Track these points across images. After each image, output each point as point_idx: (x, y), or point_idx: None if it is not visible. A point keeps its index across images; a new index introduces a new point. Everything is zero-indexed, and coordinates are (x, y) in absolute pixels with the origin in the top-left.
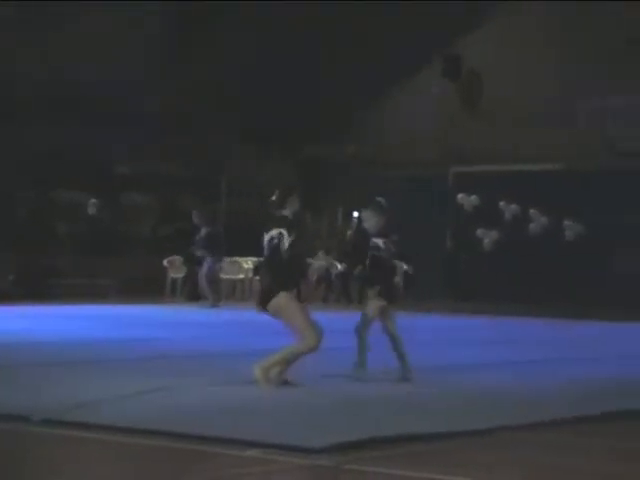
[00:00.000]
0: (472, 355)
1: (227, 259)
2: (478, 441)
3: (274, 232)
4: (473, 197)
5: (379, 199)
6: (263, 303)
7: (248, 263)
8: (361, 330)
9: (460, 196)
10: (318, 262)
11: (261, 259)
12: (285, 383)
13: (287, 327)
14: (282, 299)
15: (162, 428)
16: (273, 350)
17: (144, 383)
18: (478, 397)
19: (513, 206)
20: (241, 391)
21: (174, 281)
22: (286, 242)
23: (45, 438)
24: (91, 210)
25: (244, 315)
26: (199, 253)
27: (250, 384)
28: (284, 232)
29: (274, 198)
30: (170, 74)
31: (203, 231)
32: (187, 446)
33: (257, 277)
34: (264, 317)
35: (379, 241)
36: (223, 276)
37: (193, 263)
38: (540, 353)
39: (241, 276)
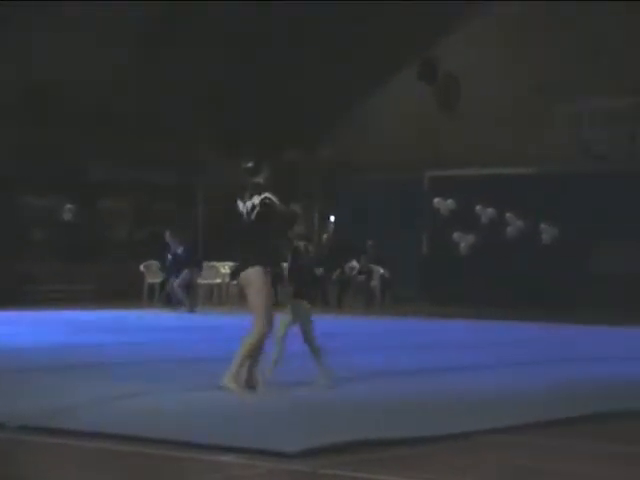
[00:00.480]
0: (449, 359)
1: (204, 264)
2: (457, 445)
3: (257, 199)
4: (449, 201)
5: (294, 208)
6: (237, 272)
7: (225, 268)
8: (281, 335)
9: (436, 200)
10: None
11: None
12: (253, 387)
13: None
14: (255, 272)
15: (138, 433)
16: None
17: (121, 388)
18: (456, 400)
19: (489, 210)
20: (217, 396)
21: (151, 286)
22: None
23: (21, 445)
24: (66, 216)
25: (221, 320)
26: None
27: (222, 389)
28: (271, 196)
29: (250, 165)
30: (147, 78)
31: (179, 250)
32: (164, 452)
33: (234, 282)
34: (240, 321)
35: (300, 244)
36: (200, 281)
37: (170, 271)
38: (518, 356)
39: (218, 281)
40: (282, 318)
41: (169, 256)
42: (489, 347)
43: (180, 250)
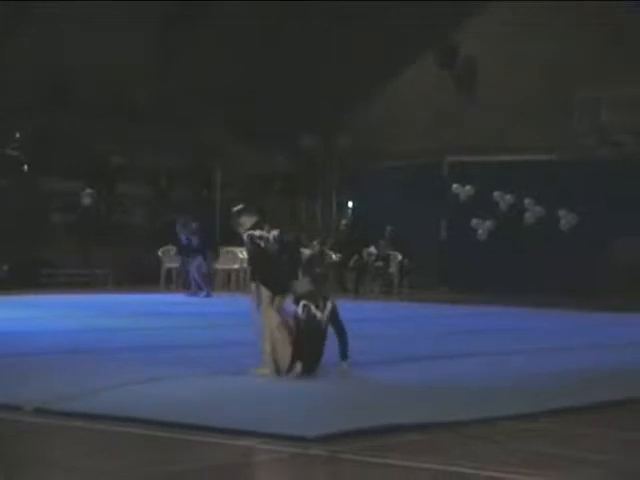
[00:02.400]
0: (468, 345)
1: (222, 249)
2: (476, 431)
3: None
4: (468, 187)
5: (241, 207)
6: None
7: (243, 253)
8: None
9: (455, 186)
10: (312, 252)
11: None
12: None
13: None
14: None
15: (156, 417)
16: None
17: (138, 373)
18: (474, 387)
19: (508, 196)
20: (234, 381)
21: (169, 271)
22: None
23: (37, 427)
24: (85, 200)
25: (238, 305)
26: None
27: (243, 374)
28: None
29: (238, 208)
30: (166, 65)
31: (193, 238)
32: (180, 435)
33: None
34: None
35: (267, 234)
36: (218, 266)
37: (186, 254)
38: (536, 342)
39: (236, 266)
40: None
41: (183, 240)
42: (507, 333)
43: (194, 238)
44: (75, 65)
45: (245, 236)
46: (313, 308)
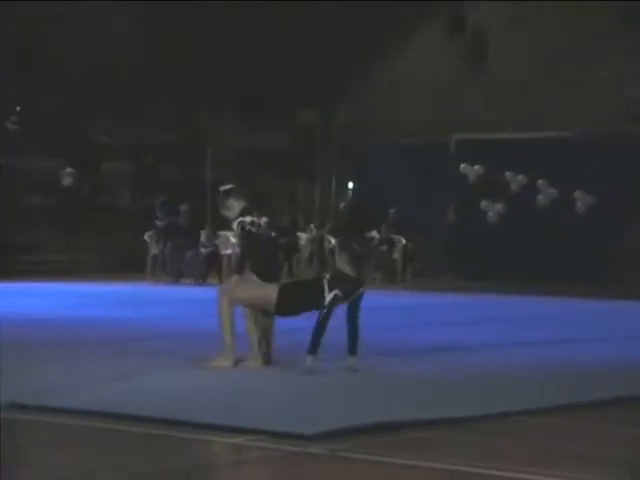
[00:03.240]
0: (478, 336)
1: (208, 232)
2: (486, 427)
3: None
4: (477, 167)
5: (230, 186)
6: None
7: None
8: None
9: (463, 166)
10: (310, 237)
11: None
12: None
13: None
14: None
15: (138, 413)
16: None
17: (123, 365)
18: (485, 381)
19: (520, 176)
20: (225, 374)
21: (155, 257)
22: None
23: (13, 423)
24: (66, 180)
25: None
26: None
27: (234, 367)
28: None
29: (227, 187)
30: (154, 36)
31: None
32: (171, 433)
33: None
34: None
35: (258, 220)
36: (203, 250)
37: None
38: (549, 333)
39: (228, 251)
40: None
41: (158, 223)
42: (518, 324)
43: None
44: (56, 36)
45: (235, 224)
46: (341, 295)
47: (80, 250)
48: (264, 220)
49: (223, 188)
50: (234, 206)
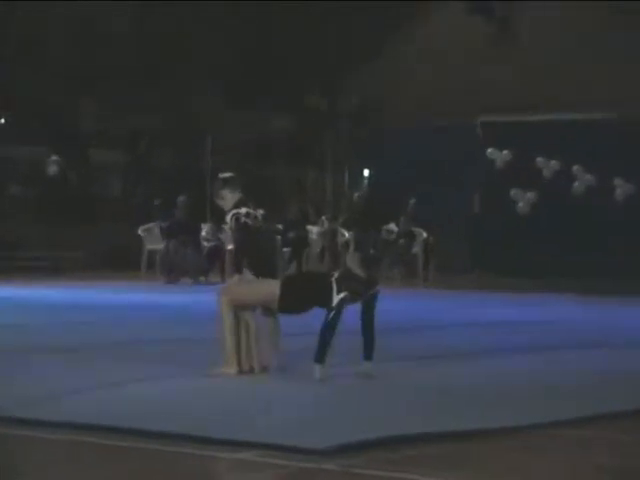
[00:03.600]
0: (503, 338)
1: (210, 226)
2: (516, 440)
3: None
4: (505, 151)
5: (229, 175)
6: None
7: None
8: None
9: (490, 150)
10: (321, 230)
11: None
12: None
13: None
14: None
15: (131, 426)
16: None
17: (107, 374)
18: (516, 387)
19: (553, 162)
20: (228, 383)
21: (151, 253)
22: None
23: None
24: (51, 169)
25: None
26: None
27: (236, 376)
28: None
29: (227, 175)
30: (149, 16)
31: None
32: (170, 448)
33: None
34: None
35: (254, 211)
36: (205, 244)
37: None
38: (587, 336)
39: (229, 247)
40: None
41: (162, 225)
42: (553, 325)
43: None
44: (46, 17)
45: (229, 216)
46: (350, 297)
47: (67, 246)
48: (261, 212)
49: (222, 176)
50: (227, 197)
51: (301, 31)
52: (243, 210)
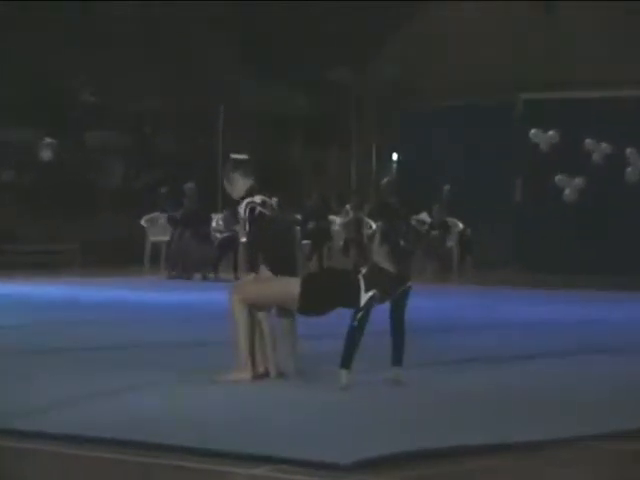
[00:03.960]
0: (545, 341)
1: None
2: (558, 454)
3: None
4: (551, 133)
5: (244, 157)
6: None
7: None
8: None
9: (533, 132)
10: (345, 220)
11: None
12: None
13: None
14: None
15: (130, 437)
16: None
17: (104, 380)
18: (551, 396)
19: (604, 145)
20: (242, 391)
21: (156, 246)
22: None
23: None
24: (45, 154)
25: None
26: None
27: (250, 382)
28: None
29: (242, 157)
30: None
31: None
32: (171, 462)
33: None
34: None
35: (269, 199)
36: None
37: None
38: (628, 340)
39: (243, 240)
40: None
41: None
42: (598, 327)
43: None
44: None
45: (242, 205)
46: (379, 296)
47: (62, 238)
48: (275, 200)
49: (235, 156)
50: (238, 183)
51: None
52: (258, 198)
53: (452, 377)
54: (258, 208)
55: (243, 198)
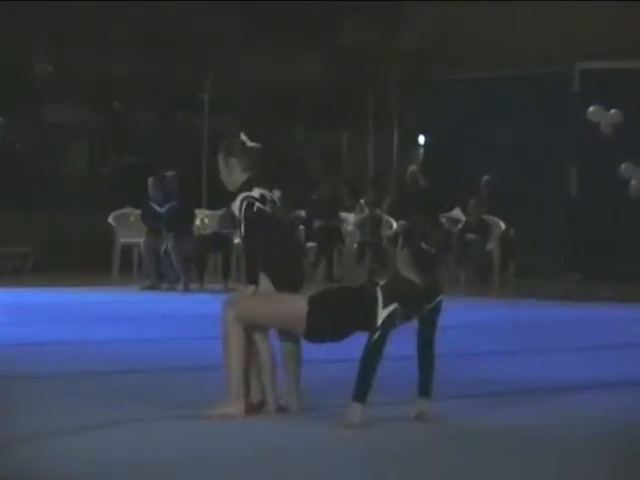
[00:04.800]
0: (605, 368)
1: (205, 214)
2: None
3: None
4: (613, 111)
5: (254, 145)
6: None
7: None
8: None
9: (592, 109)
10: (360, 218)
11: None
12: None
13: None
14: None
15: None
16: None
17: (70, 413)
18: (613, 434)
19: None
20: (233, 429)
21: (126, 248)
22: None
23: None
24: None
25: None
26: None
27: (242, 418)
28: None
29: (254, 145)
30: None
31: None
32: None
33: None
34: None
35: (270, 193)
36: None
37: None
38: None
39: (236, 241)
40: None
41: (157, 207)
42: None
43: (166, 208)
44: None
45: (238, 200)
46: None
47: (12, 238)
48: (277, 194)
49: (243, 137)
50: (235, 170)
51: None
52: (256, 192)
53: (495, 412)
54: (257, 204)
55: (239, 192)
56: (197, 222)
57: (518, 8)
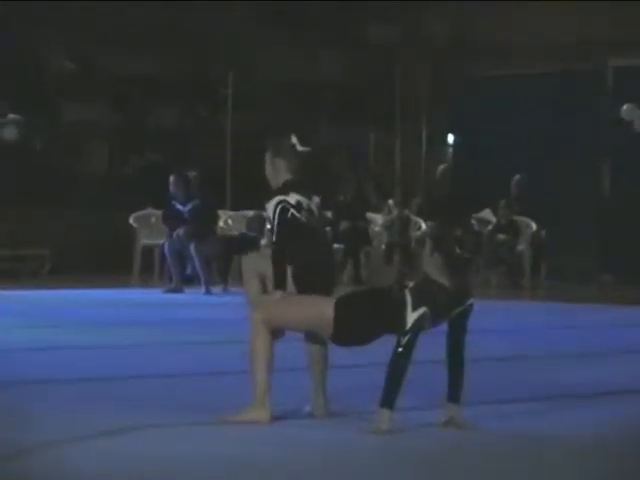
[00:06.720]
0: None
1: (226, 214)
2: None
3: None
4: None
5: (305, 148)
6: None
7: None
8: None
9: (626, 108)
10: (388, 219)
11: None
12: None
13: None
14: None
15: None
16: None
17: (91, 419)
18: None
19: None
20: (259, 437)
21: (148, 250)
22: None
23: None
24: (9, 133)
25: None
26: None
27: (269, 424)
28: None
29: (304, 149)
30: None
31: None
32: None
33: None
34: None
35: (307, 200)
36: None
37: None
38: None
39: (262, 241)
40: None
41: (178, 205)
42: None
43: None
44: None
45: (272, 204)
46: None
47: (30, 240)
48: (316, 201)
49: (295, 141)
50: (281, 171)
51: None
52: (292, 198)
53: (523, 419)
54: (291, 211)
55: (275, 194)
56: (221, 223)
57: (550, 4)
